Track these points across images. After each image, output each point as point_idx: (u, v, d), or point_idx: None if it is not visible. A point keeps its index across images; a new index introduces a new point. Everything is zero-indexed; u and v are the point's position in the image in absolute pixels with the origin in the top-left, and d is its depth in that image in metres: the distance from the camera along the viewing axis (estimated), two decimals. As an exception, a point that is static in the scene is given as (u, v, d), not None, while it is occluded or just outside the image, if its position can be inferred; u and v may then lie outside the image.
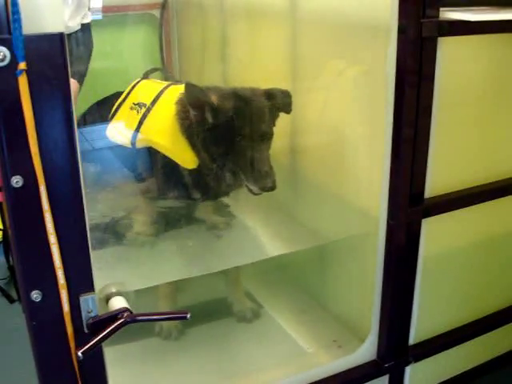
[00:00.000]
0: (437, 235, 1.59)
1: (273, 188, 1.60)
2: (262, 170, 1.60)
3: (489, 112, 1.58)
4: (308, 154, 1.99)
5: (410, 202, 1.49)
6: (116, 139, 1.82)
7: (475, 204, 1.61)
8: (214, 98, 1.60)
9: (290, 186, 2.09)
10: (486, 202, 1.63)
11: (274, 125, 1.71)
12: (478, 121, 1.57)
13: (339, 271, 1.91)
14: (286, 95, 1.72)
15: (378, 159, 1.48)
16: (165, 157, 1.72)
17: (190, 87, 1.66)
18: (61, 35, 1.00)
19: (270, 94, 1.69)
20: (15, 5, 0.96)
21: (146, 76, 1.99)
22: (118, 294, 1.23)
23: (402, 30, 1.32)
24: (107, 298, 1.22)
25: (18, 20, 0.97)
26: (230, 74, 2.31)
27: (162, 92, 1.79)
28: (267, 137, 1.67)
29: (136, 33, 2.58)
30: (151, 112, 1.76)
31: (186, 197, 1.78)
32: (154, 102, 1.77)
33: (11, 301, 2.58)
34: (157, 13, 2.50)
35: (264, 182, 1.60)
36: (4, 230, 2.37)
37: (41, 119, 1.02)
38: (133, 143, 1.76)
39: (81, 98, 2.30)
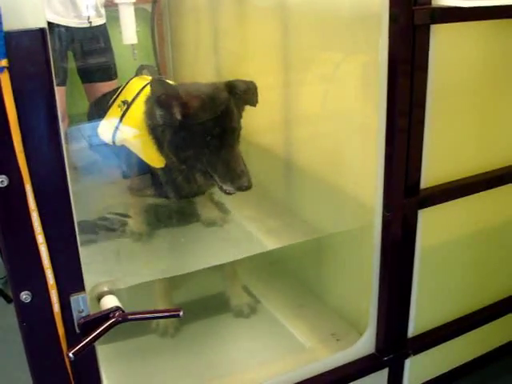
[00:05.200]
0: (433, 226, 1.58)
1: (248, 187, 1.53)
2: (236, 169, 1.53)
3: (484, 100, 1.56)
4: (303, 145, 1.96)
5: (405, 193, 1.47)
6: (103, 137, 1.80)
7: (471, 194, 1.59)
8: (182, 96, 1.53)
9: (285, 179, 2.07)
10: (482, 192, 1.61)
11: (241, 118, 1.64)
12: (472, 109, 1.55)
13: (336, 264, 1.89)
14: (250, 86, 1.62)
15: (373, 150, 1.45)
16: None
17: (155, 84, 1.60)
18: (42, 30, 0.98)
19: (231, 87, 1.59)
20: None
21: (138, 73, 1.96)
22: (110, 292, 1.21)
23: (393, 18, 1.30)
24: (99, 297, 1.21)
25: (-2, 16, 0.95)
26: (223, 67, 2.28)
27: (142, 89, 1.76)
28: (235, 132, 1.58)
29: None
30: (129, 109, 1.73)
31: (162, 195, 1.75)
32: (133, 99, 1.74)
33: (9, 301, 2.57)
34: (149, 7, 2.47)
35: (240, 181, 1.52)
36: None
37: (24, 117, 0.99)
38: (113, 141, 1.74)
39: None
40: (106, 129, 1.80)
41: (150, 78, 1.89)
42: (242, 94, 1.59)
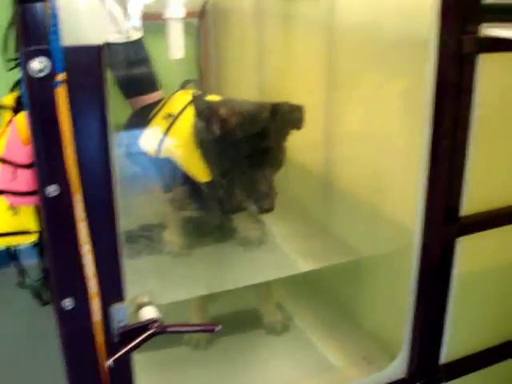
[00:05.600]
0: (472, 253, 1.56)
1: (268, 210, 1.55)
2: (261, 189, 1.55)
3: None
4: (343, 165, 1.97)
5: (445, 220, 1.46)
6: (146, 147, 1.83)
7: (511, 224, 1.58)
8: (219, 110, 1.55)
9: (324, 198, 2.08)
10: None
11: (284, 141, 1.66)
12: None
13: (371, 286, 1.89)
14: (296, 110, 1.63)
15: (415, 173, 1.46)
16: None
17: (197, 99, 1.66)
18: (99, 47, 1.01)
19: (276, 108, 1.61)
20: (54, 16, 0.97)
21: (183, 86, 2.00)
22: (149, 303, 1.23)
23: (442, 46, 1.30)
24: (138, 308, 1.23)
25: (56, 31, 0.98)
26: (267, 84, 2.31)
27: (189, 103, 1.79)
28: (271, 154, 1.60)
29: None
30: (176, 123, 1.76)
31: (203, 209, 1.78)
32: (180, 113, 1.78)
33: (44, 303, 2.61)
34: (195, 21, 2.51)
35: (261, 203, 1.55)
36: (40, 232, 2.40)
37: (78, 130, 1.03)
38: (157, 152, 1.77)
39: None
40: (150, 140, 1.82)
41: (193, 92, 1.93)
42: (287, 116, 1.61)
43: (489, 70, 1.37)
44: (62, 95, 1.00)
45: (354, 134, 1.86)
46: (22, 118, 1.35)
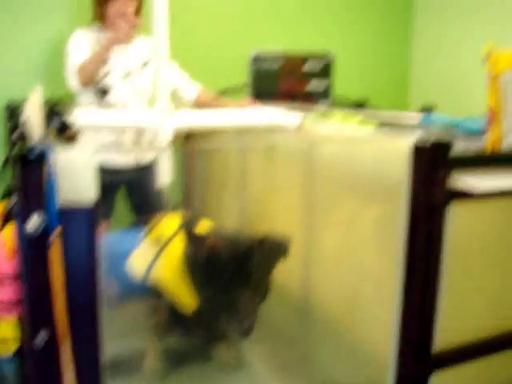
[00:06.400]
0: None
1: (246, 334, 1.65)
2: (242, 310, 1.63)
3: (497, 267, 1.63)
4: (320, 287, 2.02)
5: (418, 355, 1.51)
6: (134, 269, 1.87)
7: (483, 356, 1.63)
8: (209, 236, 1.65)
9: (301, 321, 2.11)
10: (493, 354, 1.65)
11: (270, 271, 1.74)
12: (486, 275, 1.62)
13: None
14: (282, 244, 1.76)
15: (389, 303, 1.51)
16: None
17: (187, 224, 1.75)
18: (92, 207, 1.08)
19: (263, 240, 1.73)
20: (51, 181, 1.05)
21: (171, 209, 2.07)
22: None
23: (412, 194, 1.39)
24: None
25: (52, 193, 1.05)
26: (248, 208, 2.38)
27: (179, 229, 1.86)
28: (256, 281, 1.70)
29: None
30: (166, 248, 1.82)
31: (186, 336, 1.81)
32: (170, 238, 1.83)
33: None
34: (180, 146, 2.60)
35: (240, 325, 1.63)
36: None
37: (69, 282, 1.08)
38: (145, 277, 1.81)
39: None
40: (140, 262, 1.86)
41: (182, 216, 1.99)
42: (273, 249, 1.70)
43: (458, 215, 1.45)
44: (55, 250, 1.06)
45: (332, 259, 1.92)
46: (8, 231, 1.40)
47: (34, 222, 1.04)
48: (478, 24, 3.45)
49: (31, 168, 1.04)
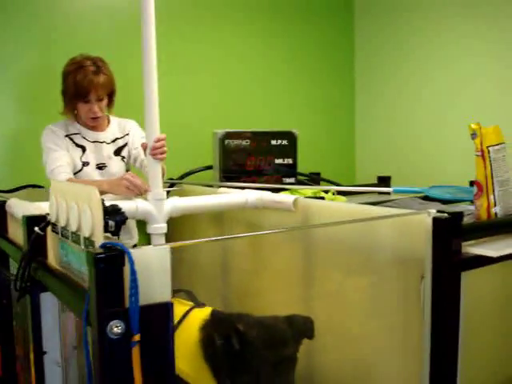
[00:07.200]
0: None
1: None
2: None
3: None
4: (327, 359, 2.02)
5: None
6: None
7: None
8: (239, 326, 1.63)
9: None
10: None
11: (298, 350, 1.75)
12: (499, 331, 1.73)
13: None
14: (308, 321, 1.74)
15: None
16: None
17: (215, 314, 1.71)
18: (168, 304, 1.08)
19: (291, 321, 1.70)
20: (134, 279, 1.04)
21: (174, 295, 2.03)
22: None
23: (434, 263, 1.48)
24: None
25: (135, 294, 1.04)
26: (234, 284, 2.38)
27: (185, 315, 1.83)
28: (292, 363, 1.67)
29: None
30: (176, 334, 1.78)
31: None
32: (177, 325, 1.80)
33: None
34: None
35: None
36: None
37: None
38: None
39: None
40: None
41: (187, 301, 1.97)
42: (299, 327, 1.70)
43: (473, 281, 1.56)
44: (135, 355, 1.04)
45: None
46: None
47: (116, 324, 1.02)
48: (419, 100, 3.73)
49: (111, 268, 1.03)
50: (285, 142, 2.88)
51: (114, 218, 1.30)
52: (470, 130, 1.81)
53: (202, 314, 1.82)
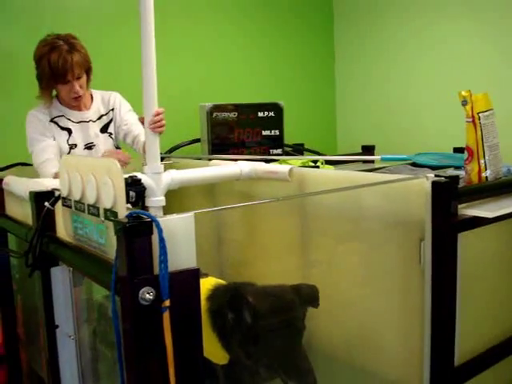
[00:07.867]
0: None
1: None
2: (303, 366, 1.62)
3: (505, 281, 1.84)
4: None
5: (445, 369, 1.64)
6: None
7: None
8: (250, 298, 1.62)
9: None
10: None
11: (304, 318, 1.79)
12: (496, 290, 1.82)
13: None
14: (314, 290, 1.76)
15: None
16: None
17: (224, 286, 1.73)
18: (195, 269, 1.12)
19: (298, 290, 1.73)
20: (163, 247, 1.07)
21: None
22: None
23: (433, 225, 1.55)
24: None
25: (165, 261, 1.08)
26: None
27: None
28: (301, 331, 1.69)
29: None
30: None
31: None
32: None
33: None
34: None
35: (306, 380, 1.62)
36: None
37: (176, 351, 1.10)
38: None
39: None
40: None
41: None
42: (306, 296, 1.74)
43: (470, 242, 1.64)
44: (166, 320, 1.08)
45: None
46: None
47: (147, 291, 1.05)
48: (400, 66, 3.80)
49: (141, 237, 1.06)
50: (271, 114, 2.92)
51: (134, 188, 1.33)
52: (460, 97, 1.86)
53: (206, 284, 1.85)
